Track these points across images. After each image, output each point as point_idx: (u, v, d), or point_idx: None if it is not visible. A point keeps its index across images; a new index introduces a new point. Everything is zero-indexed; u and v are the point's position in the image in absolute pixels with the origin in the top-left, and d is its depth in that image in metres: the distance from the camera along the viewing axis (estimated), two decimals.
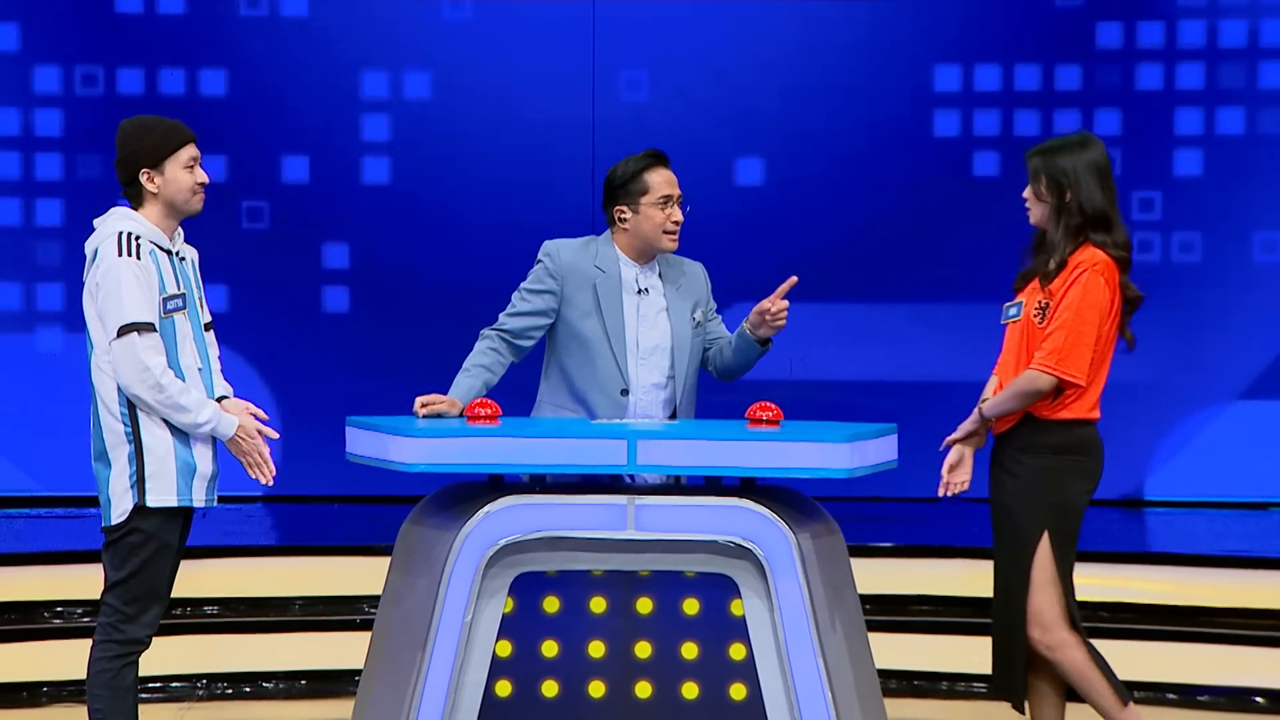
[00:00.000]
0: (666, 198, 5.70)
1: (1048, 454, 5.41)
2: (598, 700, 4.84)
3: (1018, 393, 5.39)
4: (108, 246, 5.08)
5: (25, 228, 10.48)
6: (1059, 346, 5.34)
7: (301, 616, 7.84)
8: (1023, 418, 5.43)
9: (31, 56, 10.45)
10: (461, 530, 4.78)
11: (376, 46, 10.58)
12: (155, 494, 5.08)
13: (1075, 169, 5.39)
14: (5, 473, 10.44)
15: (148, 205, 5.17)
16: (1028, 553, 5.39)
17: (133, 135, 5.18)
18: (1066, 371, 5.34)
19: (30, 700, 7.38)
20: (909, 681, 7.65)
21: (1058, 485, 5.41)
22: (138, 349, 5.01)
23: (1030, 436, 5.42)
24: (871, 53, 10.58)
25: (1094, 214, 5.40)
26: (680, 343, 5.69)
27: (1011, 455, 5.45)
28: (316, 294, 10.64)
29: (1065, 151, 5.43)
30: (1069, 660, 5.41)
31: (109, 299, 5.04)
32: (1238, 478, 10.50)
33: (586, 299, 5.65)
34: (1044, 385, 5.36)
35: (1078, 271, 5.36)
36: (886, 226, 10.58)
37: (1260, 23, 10.47)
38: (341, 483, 10.29)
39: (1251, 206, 10.53)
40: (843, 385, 10.52)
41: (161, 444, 5.09)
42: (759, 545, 4.77)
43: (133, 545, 5.10)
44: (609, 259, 5.70)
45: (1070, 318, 5.35)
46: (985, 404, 5.49)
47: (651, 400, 5.65)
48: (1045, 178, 5.42)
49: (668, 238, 5.71)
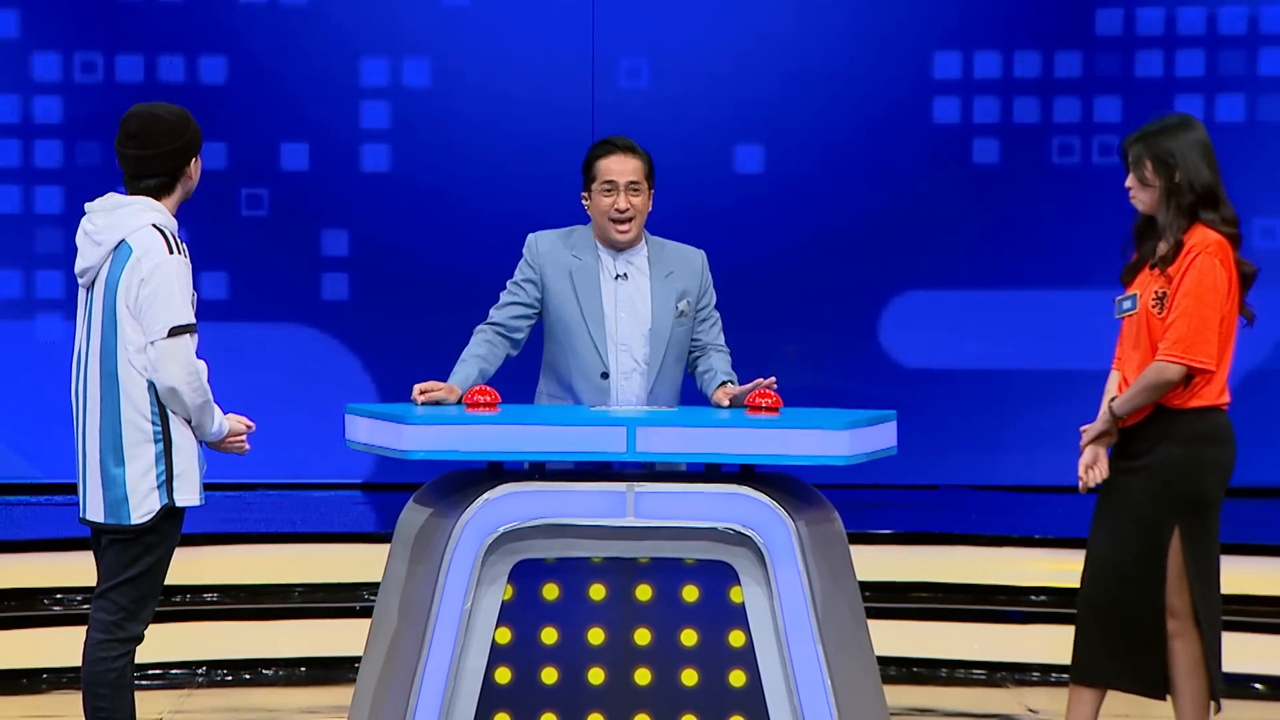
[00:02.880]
0: (610, 184, 5.65)
1: (1180, 444, 5.35)
2: (597, 687, 4.84)
3: (1147, 386, 5.32)
4: (151, 241, 4.97)
5: (25, 215, 10.48)
6: (1184, 334, 5.28)
7: (301, 604, 7.85)
8: (1154, 409, 5.37)
9: (31, 43, 10.44)
10: (461, 517, 4.78)
11: (376, 33, 10.57)
12: (183, 493, 5.04)
13: (1180, 148, 5.36)
14: (5, 459, 10.44)
15: (175, 196, 5.09)
16: (1162, 546, 5.33)
17: (180, 124, 5.07)
18: (1195, 359, 5.29)
19: (30, 687, 7.39)
20: (908, 668, 7.66)
21: (1189, 477, 5.35)
22: (189, 350, 4.95)
23: (1163, 427, 5.34)
24: (871, 40, 10.57)
25: (1204, 191, 5.37)
26: (658, 329, 5.66)
27: (1144, 445, 5.37)
28: (316, 281, 10.64)
29: (1167, 133, 5.39)
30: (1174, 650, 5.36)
31: (159, 297, 4.93)
32: (1239, 464, 10.47)
33: (564, 286, 5.65)
34: (1174, 375, 5.30)
35: (1191, 255, 5.30)
36: (886, 213, 10.58)
37: (1260, 9, 10.46)
38: (341, 470, 10.30)
39: (1251, 193, 10.51)
40: (842, 372, 10.52)
41: (189, 443, 5.04)
42: (758, 532, 4.77)
43: (148, 545, 5.05)
44: (586, 246, 5.70)
45: (1191, 303, 5.29)
46: (1114, 402, 5.39)
47: (631, 385, 5.64)
48: (1151, 160, 5.37)
49: (613, 226, 5.66)
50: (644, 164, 5.70)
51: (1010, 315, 10.41)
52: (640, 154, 5.71)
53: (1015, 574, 7.91)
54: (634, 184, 5.66)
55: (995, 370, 10.34)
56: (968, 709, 7.24)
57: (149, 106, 5.15)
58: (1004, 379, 10.43)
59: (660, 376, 5.67)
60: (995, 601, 7.85)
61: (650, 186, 5.73)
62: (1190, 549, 5.33)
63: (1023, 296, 10.43)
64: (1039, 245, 10.48)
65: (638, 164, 5.68)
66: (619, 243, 5.68)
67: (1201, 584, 5.35)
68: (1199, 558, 5.35)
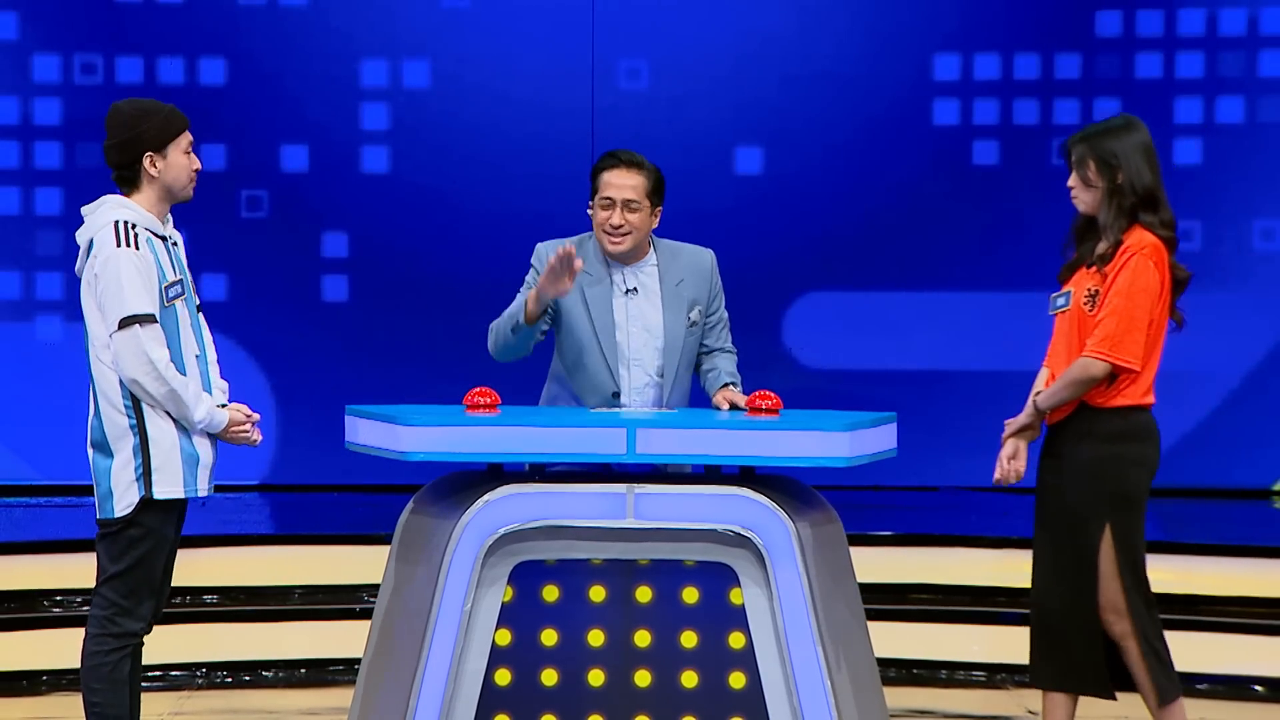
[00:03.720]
0: (608, 199, 5.57)
1: (1104, 442, 5.38)
2: (597, 689, 4.84)
3: (1072, 381, 5.36)
4: (105, 236, 5.03)
5: (25, 216, 10.48)
6: (1111, 332, 5.31)
7: (301, 605, 7.84)
8: (1077, 407, 5.40)
9: (31, 45, 10.44)
10: (461, 519, 4.78)
11: (375, 35, 10.57)
12: (162, 486, 5.05)
13: (1124, 150, 5.39)
14: (5, 461, 10.44)
15: (144, 190, 5.11)
16: (1092, 544, 5.36)
17: (135, 117, 5.11)
18: (1120, 357, 5.32)
19: (30, 689, 7.39)
20: (908, 670, 7.66)
21: (1116, 475, 5.38)
22: (141, 341, 4.97)
23: (1085, 425, 5.39)
24: (871, 41, 10.58)
25: (1145, 193, 5.39)
26: (671, 343, 5.62)
27: (1067, 445, 5.42)
28: (316, 283, 10.64)
29: (1111, 135, 5.42)
30: (1128, 650, 5.40)
31: (109, 290, 4.99)
32: (1236, 466, 10.50)
33: (576, 300, 5.58)
34: (1098, 372, 5.33)
35: (1126, 255, 5.34)
36: (886, 215, 10.58)
37: (1260, 11, 10.47)
38: (341, 471, 10.28)
39: (1251, 195, 10.54)
40: (842, 374, 10.52)
41: (166, 436, 5.06)
42: (758, 534, 4.77)
43: (133, 538, 5.07)
44: (595, 260, 5.62)
45: (1121, 303, 5.32)
46: (1039, 396, 5.44)
47: (643, 401, 5.61)
48: (1095, 161, 5.40)
49: (608, 239, 5.59)
50: (647, 180, 5.58)
51: (1011, 317, 10.40)
52: (646, 170, 5.59)
53: (1015, 576, 7.89)
54: (631, 201, 5.55)
55: (995, 371, 10.34)
56: (967, 710, 7.24)
57: (124, 100, 5.20)
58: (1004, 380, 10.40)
59: (675, 388, 5.64)
60: (995, 603, 7.85)
61: (655, 203, 5.61)
62: (1121, 546, 5.36)
63: (1022, 298, 10.42)
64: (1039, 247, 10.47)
65: (639, 180, 5.57)
66: (612, 255, 5.63)
67: (1134, 579, 5.40)
68: (1129, 555, 5.39)
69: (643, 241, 5.64)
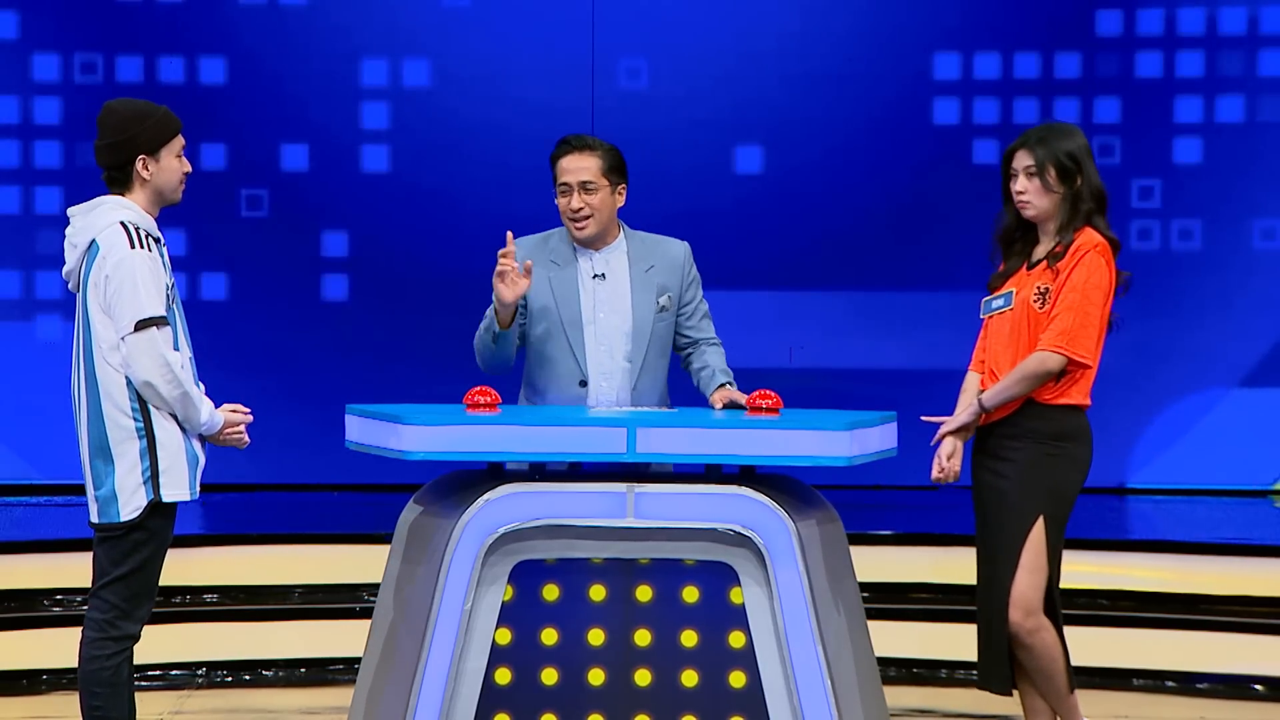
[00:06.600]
0: (565, 185, 5.60)
1: (1046, 440, 5.39)
2: (597, 688, 4.84)
3: (1026, 375, 5.36)
4: (115, 238, 4.99)
5: (24, 216, 10.47)
6: (1068, 327, 5.32)
7: (301, 605, 7.84)
8: (1019, 405, 5.41)
9: (30, 44, 10.43)
10: (461, 518, 4.78)
11: (376, 34, 10.57)
12: (170, 489, 5.02)
13: (1079, 154, 5.40)
14: (4, 460, 10.44)
15: (137, 192, 5.09)
16: (1020, 537, 5.38)
17: (130, 119, 5.09)
18: (1076, 352, 5.33)
19: (30, 688, 7.39)
20: (908, 669, 7.66)
21: (1054, 471, 5.40)
22: (158, 343, 4.93)
23: (1027, 422, 5.40)
24: (871, 40, 10.57)
25: (1100, 196, 5.41)
26: (640, 327, 5.61)
27: (1006, 442, 5.43)
28: (316, 282, 10.64)
29: (1066, 138, 5.43)
30: (1043, 644, 5.41)
31: (123, 292, 4.94)
32: (1238, 465, 10.50)
33: (543, 290, 5.59)
34: (1054, 366, 5.34)
35: (1080, 253, 5.35)
36: (886, 214, 10.58)
37: (1260, 10, 10.46)
38: (341, 471, 10.28)
39: (1251, 194, 10.53)
40: (843, 373, 10.52)
41: (173, 438, 5.03)
42: (758, 533, 4.77)
43: (137, 542, 5.04)
44: (564, 249, 5.65)
45: (1077, 298, 5.33)
46: (985, 394, 5.45)
47: (611, 385, 5.60)
48: (1055, 167, 5.39)
49: (572, 225, 5.61)
50: (601, 160, 5.59)
51: None
52: (599, 150, 5.59)
53: None
54: (587, 183, 5.57)
55: None
56: (967, 710, 7.23)
57: (117, 100, 5.19)
58: None
59: (644, 373, 5.63)
60: None
61: (616, 181, 5.61)
62: (1050, 540, 5.38)
63: None
64: None
65: (592, 162, 5.58)
66: (579, 240, 5.63)
67: (1057, 571, 5.44)
68: (1055, 550, 5.41)
69: (609, 224, 5.65)
